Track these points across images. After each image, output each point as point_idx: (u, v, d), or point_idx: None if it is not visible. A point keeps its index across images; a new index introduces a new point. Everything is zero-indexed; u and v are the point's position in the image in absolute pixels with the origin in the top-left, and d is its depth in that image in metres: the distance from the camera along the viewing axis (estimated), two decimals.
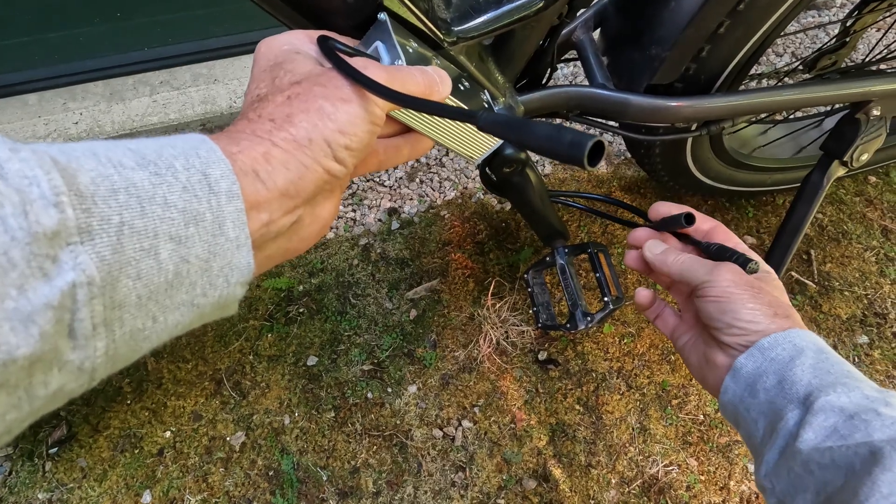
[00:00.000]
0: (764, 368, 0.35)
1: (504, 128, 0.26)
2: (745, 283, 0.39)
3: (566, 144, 0.23)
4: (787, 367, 0.34)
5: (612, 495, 0.75)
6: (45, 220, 0.17)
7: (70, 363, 0.18)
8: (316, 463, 0.77)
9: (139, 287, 0.19)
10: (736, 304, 0.38)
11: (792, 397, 0.33)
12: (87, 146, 0.20)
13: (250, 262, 0.23)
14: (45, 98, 1.09)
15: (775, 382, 0.34)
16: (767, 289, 0.39)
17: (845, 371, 0.34)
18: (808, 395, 0.33)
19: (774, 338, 0.36)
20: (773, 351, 0.35)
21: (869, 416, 0.30)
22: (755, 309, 0.37)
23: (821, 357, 0.34)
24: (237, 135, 0.25)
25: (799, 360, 0.34)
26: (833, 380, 0.33)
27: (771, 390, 0.34)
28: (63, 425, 0.77)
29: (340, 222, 0.98)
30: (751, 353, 0.36)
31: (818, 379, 0.33)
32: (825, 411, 0.31)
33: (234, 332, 0.85)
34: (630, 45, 0.57)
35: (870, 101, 0.61)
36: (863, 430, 0.29)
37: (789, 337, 0.36)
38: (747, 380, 0.36)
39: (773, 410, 0.34)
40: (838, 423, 0.31)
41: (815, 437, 0.31)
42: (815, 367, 0.34)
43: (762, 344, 0.36)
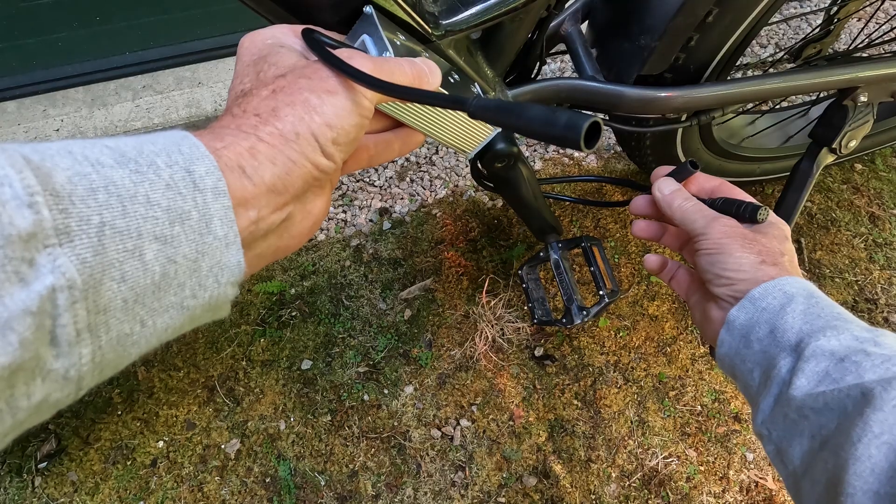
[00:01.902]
0: (756, 319, 0.35)
1: (496, 113, 0.25)
2: (737, 234, 0.39)
3: (561, 126, 0.22)
4: (778, 315, 0.34)
5: (612, 489, 0.75)
6: (20, 222, 0.16)
7: (54, 372, 0.17)
8: (313, 468, 0.75)
9: (124, 290, 0.18)
10: (724, 254, 0.39)
11: (784, 345, 0.34)
12: (62, 145, 0.19)
13: (241, 261, 0.22)
14: (24, 105, 1.07)
15: (767, 332, 0.35)
16: (763, 239, 0.39)
17: (835, 314, 0.34)
18: (800, 341, 0.33)
19: (765, 287, 0.36)
20: (763, 300, 0.36)
21: (859, 358, 0.30)
22: (741, 258, 0.38)
23: (811, 302, 0.35)
24: (221, 130, 0.24)
25: (790, 308, 0.34)
26: (823, 324, 0.33)
27: (764, 340, 0.35)
28: (52, 439, 0.75)
29: (331, 223, 0.97)
30: (742, 305, 0.36)
31: (808, 324, 0.33)
32: (816, 356, 0.31)
33: (225, 338, 0.83)
34: (619, 36, 0.57)
35: (857, 87, 0.62)
36: (854, 372, 0.30)
37: (779, 285, 0.36)
38: (741, 331, 0.36)
39: (767, 359, 0.35)
40: (829, 367, 0.31)
41: (807, 382, 0.31)
42: (805, 312, 0.34)
43: (753, 294, 0.36)
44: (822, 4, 1.29)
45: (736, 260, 0.38)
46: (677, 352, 0.85)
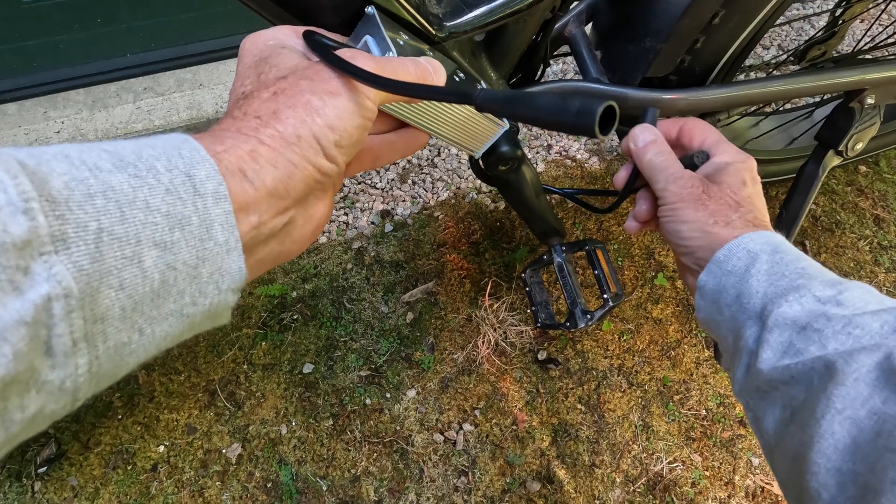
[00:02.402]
0: (723, 283, 0.35)
1: (504, 104, 0.24)
2: (690, 195, 0.38)
3: (573, 113, 0.21)
4: (744, 278, 0.34)
5: (617, 494, 0.74)
6: (14, 229, 0.15)
7: (49, 383, 0.16)
8: (315, 473, 0.75)
9: (122, 298, 0.18)
10: (677, 221, 0.38)
11: (750, 312, 0.33)
12: (59, 149, 0.18)
13: (242, 267, 0.22)
14: (24, 107, 1.06)
15: (735, 297, 0.34)
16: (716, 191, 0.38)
17: (799, 269, 0.33)
18: (764, 307, 0.32)
19: (729, 248, 0.35)
20: (728, 263, 0.35)
21: (820, 324, 0.30)
22: (692, 223, 0.37)
23: (775, 259, 0.34)
24: (221, 133, 0.24)
25: (754, 269, 0.34)
26: (787, 284, 0.32)
27: (732, 305, 0.34)
28: (52, 443, 0.75)
29: (333, 226, 0.96)
30: (709, 270, 0.36)
31: (773, 286, 0.33)
32: (779, 326, 0.31)
33: (226, 342, 0.83)
34: (624, 38, 0.56)
35: (864, 89, 0.61)
36: (817, 342, 0.29)
37: (743, 244, 0.35)
38: (712, 297, 0.36)
39: (736, 327, 0.34)
40: (793, 337, 0.30)
41: (772, 355, 0.31)
42: (769, 272, 0.33)
43: (717, 258, 0.36)
44: (826, 6, 1.29)
45: (688, 226, 0.37)
46: (682, 355, 0.84)
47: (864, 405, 0.26)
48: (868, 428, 0.25)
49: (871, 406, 0.26)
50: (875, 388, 0.26)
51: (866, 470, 0.25)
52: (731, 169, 0.40)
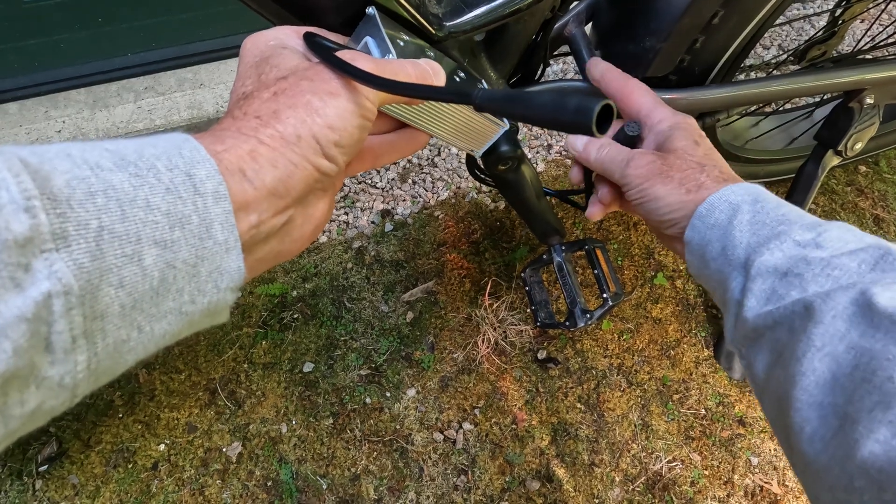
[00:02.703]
0: (708, 237, 0.36)
1: (502, 103, 0.24)
2: (652, 171, 0.39)
3: (571, 111, 0.22)
4: (727, 230, 0.35)
5: (616, 494, 0.74)
6: (16, 227, 0.15)
7: (49, 379, 0.17)
8: (315, 471, 0.75)
9: (122, 296, 0.18)
10: (650, 201, 0.39)
11: (735, 263, 0.34)
12: (61, 147, 0.18)
13: (241, 266, 0.22)
14: (25, 107, 1.07)
15: (720, 250, 0.35)
16: (677, 162, 0.39)
17: (780, 216, 0.34)
18: (747, 258, 0.33)
19: (710, 202, 0.36)
20: (711, 216, 0.36)
21: (800, 268, 0.30)
22: (667, 196, 0.38)
23: (756, 208, 0.35)
24: (222, 133, 0.24)
25: (736, 220, 0.34)
26: (768, 232, 0.33)
27: (718, 258, 0.35)
28: (53, 442, 0.75)
29: (333, 225, 0.96)
30: (693, 225, 0.37)
31: (755, 236, 0.33)
32: (762, 275, 0.32)
33: (227, 341, 0.83)
34: (623, 38, 0.56)
35: (863, 89, 0.61)
36: (797, 286, 0.30)
37: (724, 196, 0.36)
38: (698, 251, 0.37)
39: (722, 279, 0.35)
40: (775, 284, 0.31)
41: (756, 303, 0.31)
42: (751, 222, 0.34)
43: (700, 212, 0.36)
44: (826, 6, 1.29)
45: (663, 201, 0.38)
46: (681, 355, 0.84)
47: (843, 341, 0.26)
48: (846, 362, 0.26)
49: (849, 341, 0.26)
50: (852, 323, 0.26)
51: (845, 401, 0.25)
52: (676, 134, 0.41)
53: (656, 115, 0.44)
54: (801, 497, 0.75)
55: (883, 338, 0.25)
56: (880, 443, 0.23)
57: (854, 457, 0.23)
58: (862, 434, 0.24)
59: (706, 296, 0.89)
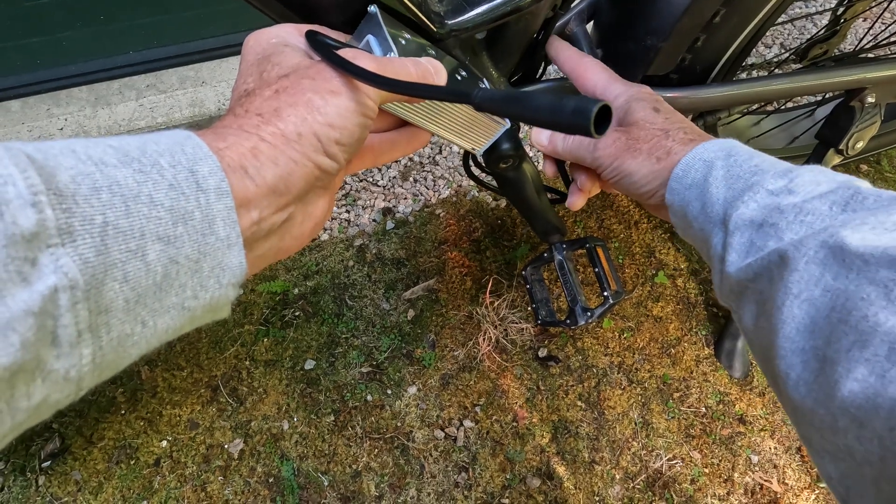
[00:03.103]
0: (687, 198, 0.36)
1: (501, 104, 0.24)
2: (619, 148, 0.39)
3: (569, 113, 0.22)
4: (704, 188, 0.35)
5: (616, 491, 0.75)
6: (23, 221, 0.16)
7: (54, 373, 0.17)
8: (316, 468, 0.75)
9: (126, 290, 0.18)
10: (625, 177, 0.39)
11: (714, 220, 0.34)
12: (65, 144, 0.19)
13: (242, 262, 0.22)
14: (28, 104, 1.07)
15: (699, 208, 0.35)
16: (641, 133, 0.39)
17: (752, 167, 0.34)
18: (725, 213, 0.33)
19: (685, 162, 0.36)
20: (687, 177, 0.36)
21: (774, 218, 0.30)
22: (639, 171, 0.38)
23: (730, 163, 0.35)
24: (223, 130, 0.24)
25: (711, 176, 0.35)
26: (742, 185, 0.33)
27: (699, 217, 0.35)
28: (55, 438, 0.76)
29: (334, 223, 0.96)
30: (671, 188, 0.37)
31: (731, 190, 0.33)
32: (739, 228, 0.32)
33: (229, 338, 0.83)
34: (625, 37, 0.56)
35: (864, 88, 0.61)
36: (773, 236, 0.30)
37: (698, 154, 0.36)
38: (680, 213, 0.37)
39: (705, 237, 0.35)
40: (753, 236, 0.31)
41: (737, 258, 0.32)
42: (726, 176, 0.34)
43: (676, 174, 0.36)
44: (828, 5, 1.29)
45: (637, 175, 0.39)
46: (682, 353, 0.84)
47: (818, 285, 0.26)
48: (823, 305, 0.26)
49: (824, 284, 0.26)
50: (825, 266, 0.26)
51: (824, 344, 0.25)
52: (634, 106, 0.41)
53: (612, 90, 0.44)
54: (800, 494, 0.75)
55: (856, 278, 0.25)
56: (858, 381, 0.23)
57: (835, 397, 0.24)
58: (841, 374, 0.24)
59: (707, 294, 0.90)
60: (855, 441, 0.23)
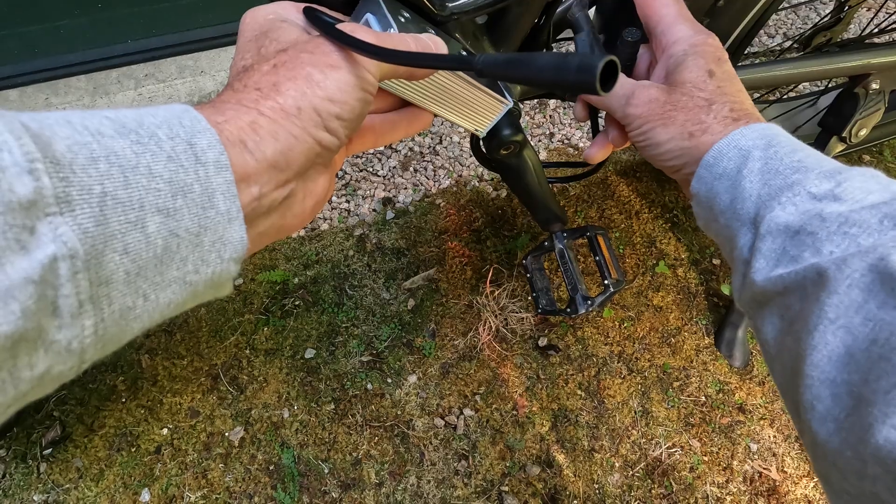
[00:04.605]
0: (716, 189, 0.32)
1: (505, 66, 0.23)
2: (653, 110, 0.35)
3: (574, 70, 0.21)
4: (736, 181, 0.31)
5: (616, 479, 0.75)
6: (20, 189, 0.15)
7: (56, 343, 0.17)
8: (317, 456, 0.76)
9: (127, 262, 0.18)
10: (652, 144, 0.35)
11: (744, 218, 0.30)
12: (61, 115, 0.18)
13: (243, 237, 0.22)
14: (26, 93, 1.06)
15: (728, 202, 0.31)
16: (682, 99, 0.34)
17: (794, 163, 0.30)
18: (757, 212, 0.30)
19: (718, 149, 0.32)
20: (718, 165, 0.32)
21: (814, 226, 0.27)
22: (669, 141, 0.34)
23: (769, 154, 0.30)
24: (222, 105, 0.24)
25: (746, 168, 0.31)
26: (781, 182, 0.29)
27: (726, 212, 0.32)
28: (56, 426, 0.76)
29: (335, 213, 0.96)
30: (699, 176, 0.33)
31: (767, 186, 0.30)
32: (772, 233, 0.28)
33: (229, 327, 0.83)
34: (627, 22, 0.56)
35: (869, 74, 0.61)
36: (810, 246, 0.27)
37: (734, 141, 0.32)
38: (706, 203, 0.33)
39: (731, 235, 0.32)
40: (786, 244, 0.28)
41: (765, 265, 0.29)
42: (763, 170, 0.30)
43: (706, 160, 0.32)
44: None
45: (663, 146, 0.34)
46: (682, 342, 0.84)
47: (859, 312, 0.24)
48: (863, 336, 0.23)
49: (866, 312, 0.24)
50: (870, 292, 0.24)
51: (860, 380, 0.23)
52: (689, 62, 0.35)
53: (673, 32, 0.37)
54: (799, 482, 0.75)
55: None
56: None
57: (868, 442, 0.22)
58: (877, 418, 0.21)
59: (707, 284, 0.89)
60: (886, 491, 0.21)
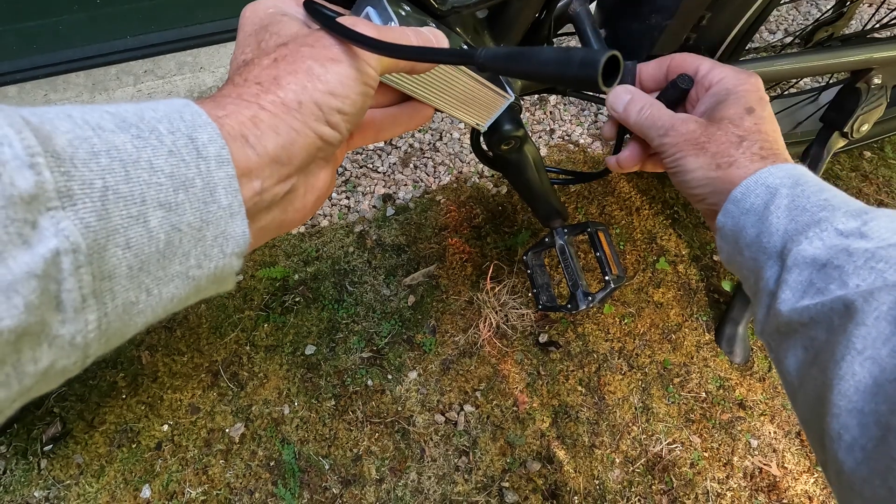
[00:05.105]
0: (742, 223, 0.34)
1: (506, 61, 0.23)
2: (688, 141, 0.36)
3: (577, 64, 0.21)
4: (763, 216, 0.32)
5: (616, 475, 0.75)
6: (21, 183, 0.15)
7: (60, 338, 0.17)
8: (317, 452, 0.76)
9: (129, 257, 0.18)
10: (682, 172, 0.37)
11: (770, 252, 0.32)
12: (61, 109, 0.18)
13: (245, 232, 0.22)
14: (24, 90, 1.06)
15: (754, 236, 0.33)
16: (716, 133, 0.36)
17: (821, 201, 0.31)
18: (784, 246, 0.31)
19: (746, 185, 0.34)
20: (746, 201, 0.33)
21: (841, 260, 0.28)
22: (696, 171, 0.36)
23: (796, 192, 0.32)
24: (222, 99, 0.24)
25: (773, 205, 0.32)
26: (808, 219, 0.31)
27: (752, 246, 0.33)
28: (57, 422, 0.76)
29: (335, 210, 0.96)
30: (726, 210, 0.34)
31: (793, 222, 0.31)
32: (798, 266, 0.30)
33: (229, 323, 0.83)
34: (629, 16, 0.56)
35: (871, 69, 0.60)
36: (837, 279, 0.28)
37: (761, 179, 0.33)
38: (731, 237, 0.35)
39: (756, 268, 0.33)
40: (812, 276, 0.29)
41: (791, 296, 0.30)
42: (790, 207, 0.32)
43: (734, 196, 0.34)
44: None
45: (692, 175, 0.36)
46: (682, 339, 0.84)
47: (886, 344, 0.25)
48: (890, 367, 0.24)
49: (894, 345, 0.24)
50: None
51: (888, 410, 0.24)
52: (731, 99, 0.37)
53: (716, 73, 0.39)
54: (799, 478, 0.75)
55: None
56: None
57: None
58: None
59: (708, 280, 0.89)
60: None
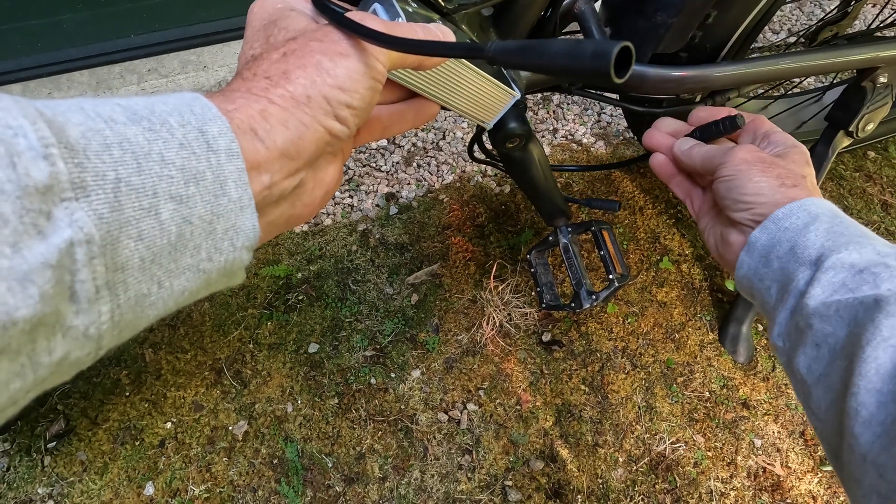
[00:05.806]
0: (778, 238, 0.36)
1: (516, 53, 0.23)
2: (756, 159, 0.39)
3: (588, 56, 0.21)
4: (801, 233, 0.34)
5: (619, 474, 0.75)
6: (36, 174, 0.15)
7: (74, 329, 0.17)
8: (321, 450, 0.76)
9: (141, 249, 0.18)
10: (742, 179, 0.39)
11: (804, 260, 0.34)
12: (73, 102, 0.18)
13: (255, 225, 0.22)
14: (29, 88, 1.06)
15: (788, 249, 0.35)
16: (783, 163, 0.39)
17: (859, 232, 0.33)
18: (820, 255, 0.33)
19: (789, 207, 0.36)
20: (787, 220, 0.36)
21: (878, 269, 0.30)
22: (760, 181, 0.38)
23: (835, 221, 0.34)
24: (232, 93, 0.24)
25: (813, 227, 0.34)
26: (846, 240, 0.33)
27: (784, 257, 0.35)
28: (61, 419, 0.76)
29: (338, 208, 0.96)
30: (765, 226, 0.36)
31: (831, 241, 0.33)
32: (835, 268, 0.31)
33: (232, 321, 0.83)
34: (634, 14, 0.56)
35: (876, 67, 0.60)
36: (871, 283, 0.29)
37: (804, 205, 0.36)
38: (761, 252, 0.36)
39: (785, 275, 0.35)
40: (847, 278, 0.31)
41: (822, 292, 0.31)
42: (829, 231, 0.34)
43: (776, 215, 0.36)
44: None
45: (755, 184, 0.38)
46: (686, 338, 0.84)
47: None
48: None
49: None
50: None
51: None
52: (795, 152, 0.41)
53: (778, 134, 0.44)
54: (803, 478, 0.75)
55: None
56: None
57: None
58: None
59: (711, 280, 0.89)
60: None
